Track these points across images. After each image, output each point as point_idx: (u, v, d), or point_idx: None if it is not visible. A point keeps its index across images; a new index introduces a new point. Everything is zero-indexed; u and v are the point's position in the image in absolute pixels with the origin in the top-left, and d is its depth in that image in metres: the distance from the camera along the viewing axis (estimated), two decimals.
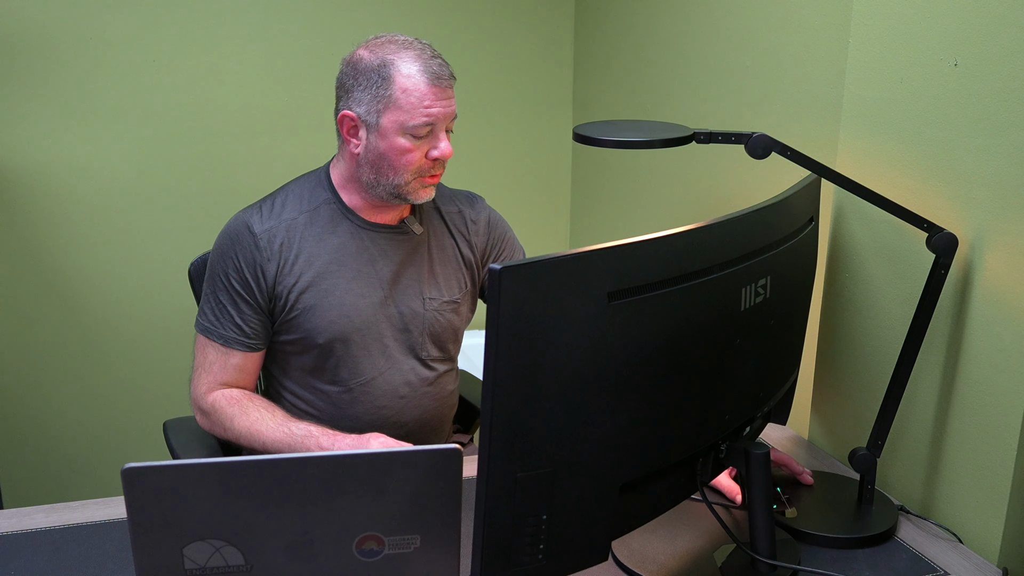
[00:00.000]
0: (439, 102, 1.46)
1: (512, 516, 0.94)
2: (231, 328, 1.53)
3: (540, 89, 2.77)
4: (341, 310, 1.54)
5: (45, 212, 2.40)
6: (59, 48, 2.31)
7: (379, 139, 1.47)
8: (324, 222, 1.56)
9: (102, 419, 2.57)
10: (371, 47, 1.49)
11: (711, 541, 1.30)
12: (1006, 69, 1.20)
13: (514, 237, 1.78)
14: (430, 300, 1.61)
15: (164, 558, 0.91)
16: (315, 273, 1.53)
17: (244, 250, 1.52)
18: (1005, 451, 1.25)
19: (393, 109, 1.45)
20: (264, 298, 1.53)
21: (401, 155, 1.47)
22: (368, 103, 1.47)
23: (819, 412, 1.64)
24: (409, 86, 1.44)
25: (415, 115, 1.45)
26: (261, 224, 1.53)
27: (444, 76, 1.47)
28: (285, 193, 1.59)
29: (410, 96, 1.44)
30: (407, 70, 1.45)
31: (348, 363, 1.56)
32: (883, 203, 1.31)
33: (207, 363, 1.55)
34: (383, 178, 1.50)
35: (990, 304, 1.26)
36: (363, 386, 1.57)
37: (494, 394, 0.89)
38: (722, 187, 2.03)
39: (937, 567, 1.26)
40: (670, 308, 1.00)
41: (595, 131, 1.30)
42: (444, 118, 1.48)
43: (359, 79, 1.47)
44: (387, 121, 1.46)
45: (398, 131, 1.46)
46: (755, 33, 1.87)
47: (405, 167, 1.48)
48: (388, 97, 1.45)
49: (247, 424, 1.49)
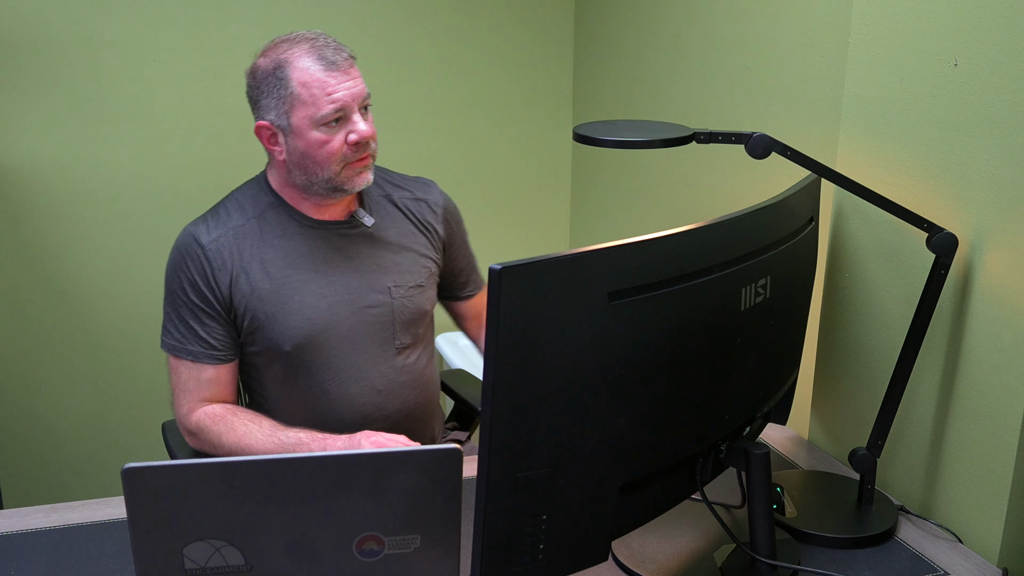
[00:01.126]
0: (341, 86, 1.45)
1: (512, 516, 0.94)
2: (197, 343, 1.52)
3: (540, 89, 2.77)
4: (303, 314, 1.52)
5: (45, 212, 2.40)
6: (59, 48, 2.31)
7: (296, 139, 1.47)
8: (272, 226, 1.55)
9: (102, 419, 2.57)
10: (265, 53, 1.49)
11: (711, 541, 1.30)
12: (1006, 69, 1.20)
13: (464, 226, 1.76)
14: (395, 288, 1.59)
15: (164, 558, 0.91)
16: (271, 281, 1.52)
17: (195, 262, 1.51)
18: (1005, 451, 1.25)
19: (298, 106, 1.45)
20: (224, 307, 1.51)
21: (320, 148, 1.46)
22: (275, 108, 1.47)
23: (819, 412, 1.64)
24: (306, 79, 1.44)
25: (320, 105, 1.44)
26: (208, 235, 1.52)
27: (339, 59, 1.46)
28: (229, 201, 1.58)
29: (310, 88, 1.44)
30: (300, 64, 1.45)
31: (321, 365, 1.55)
32: (883, 203, 1.31)
33: (182, 383, 1.54)
34: (313, 176, 1.49)
35: (990, 304, 1.26)
36: (340, 386, 1.56)
37: (494, 394, 0.89)
38: (722, 187, 2.03)
39: (937, 567, 1.26)
40: (670, 308, 1.00)
41: (595, 131, 1.30)
42: (352, 99, 1.46)
43: (261, 87, 1.48)
44: (297, 119, 1.46)
45: (310, 126, 1.45)
46: (755, 33, 1.87)
47: (329, 159, 1.47)
48: (290, 96, 1.45)
49: (235, 440, 1.47)
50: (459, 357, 2.57)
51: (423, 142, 2.67)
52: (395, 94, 2.59)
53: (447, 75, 2.64)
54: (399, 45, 2.58)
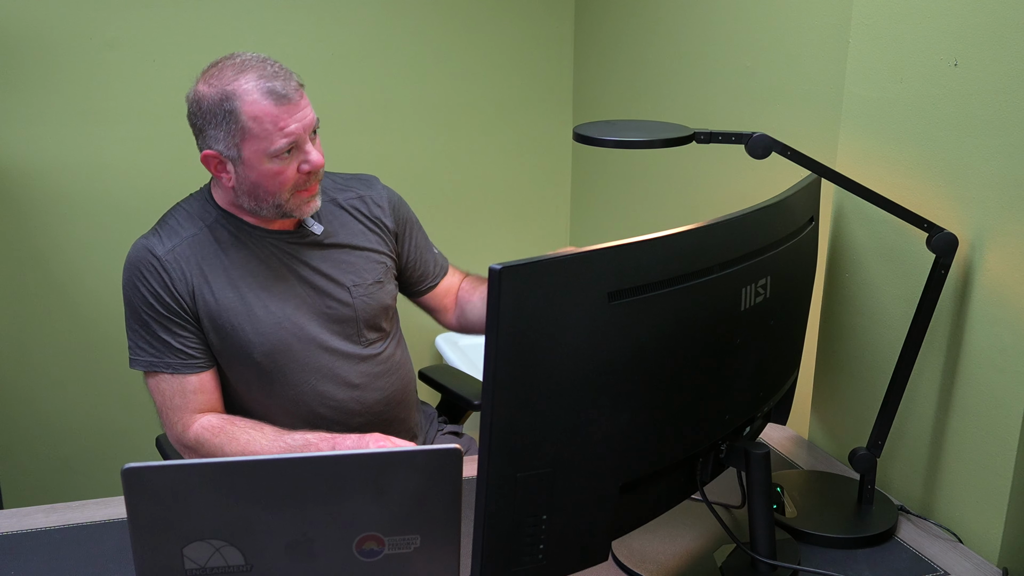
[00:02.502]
0: (293, 118, 1.42)
1: (512, 516, 0.94)
2: (172, 355, 1.50)
3: (540, 89, 2.77)
4: (270, 320, 1.52)
5: (45, 212, 2.40)
6: (60, 48, 2.31)
7: (247, 170, 1.45)
8: (225, 235, 1.53)
9: (102, 419, 2.57)
10: (208, 80, 1.45)
11: (711, 541, 1.30)
12: (1006, 69, 1.20)
13: (415, 217, 1.75)
14: (355, 288, 1.59)
15: (164, 558, 0.91)
16: (234, 289, 1.51)
17: (153, 274, 1.49)
18: (1005, 451, 1.25)
19: (250, 139, 1.42)
20: (190, 315, 1.50)
21: (273, 178, 1.45)
22: (224, 140, 1.43)
23: (819, 412, 1.64)
24: (257, 113, 1.40)
25: (274, 139, 1.41)
26: (163, 246, 1.50)
27: (288, 92, 1.42)
28: (178, 213, 1.55)
29: (262, 123, 1.41)
30: (249, 97, 1.40)
31: (294, 368, 1.54)
32: (883, 203, 1.31)
33: (168, 400, 1.52)
34: (263, 202, 1.48)
35: (990, 304, 1.26)
36: (315, 386, 1.56)
37: (494, 394, 0.89)
38: (722, 187, 2.03)
39: (937, 567, 1.26)
40: (670, 308, 1.00)
41: (595, 131, 1.30)
42: (304, 130, 1.44)
43: (207, 118, 1.44)
44: (248, 152, 1.43)
45: (263, 159, 1.43)
46: (755, 33, 1.87)
47: (281, 188, 1.46)
48: (241, 130, 1.41)
49: (239, 449, 1.46)
50: (459, 357, 2.57)
51: (423, 142, 2.67)
52: (395, 94, 2.59)
53: (447, 75, 2.64)
54: (399, 45, 2.58)
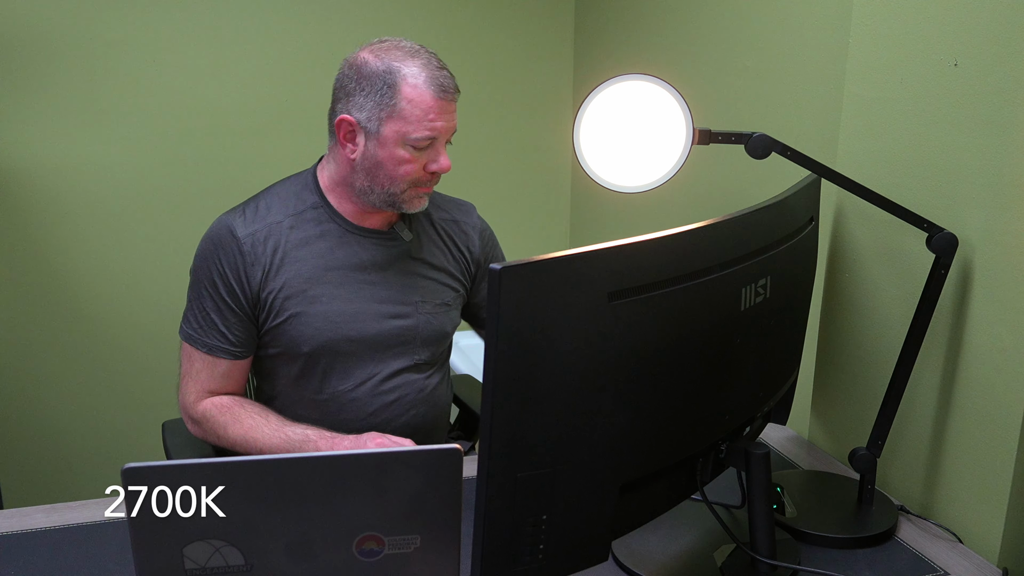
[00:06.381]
0: (443, 116, 1.43)
1: (512, 516, 0.94)
2: (215, 336, 1.50)
3: (540, 89, 2.77)
4: (328, 317, 1.51)
5: (45, 212, 2.40)
6: (59, 48, 2.31)
7: (378, 147, 1.44)
8: (310, 226, 1.52)
9: (102, 419, 2.57)
10: (376, 51, 1.44)
11: (711, 541, 1.30)
12: (1006, 69, 1.20)
13: (501, 254, 1.76)
14: (422, 304, 1.57)
15: (164, 558, 0.91)
16: (301, 279, 1.50)
17: (227, 255, 1.48)
18: (1005, 451, 1.25)
19: (396, 119, 1.42)
20: (249, 304, 1.49)
21: (399, 165, 1.44)
22: (370, 110, 1.42)
23: (819, 412, 1.64)
24: (415, 97, 1.41)
25: (419, 127, 1.42)
26: (245, 228, 1.49)
27: (450, 89, 1.44)
28: (270, 195, 1.54)
29: (415, 107, 1.41)
30: (414, 80, 1.41)
31: (337, 370, 1.54)
32: (883, 203, 1.31)
33: (194, 371, 1.53)
34: (377, 186, 1.47)
35: (990, 304, 1.26)
36: (351, 393, 1.54)
37: (494, 394, 0.89)
38: (722, 187, 2.03)
39: (937, 567, 1.26)
40: (670, 308, 1.00)
41: None
42: (446, 132, 1.46)
43: (362, 84, 1.42)
44: (389, 130, 1.42)
45: (399, 142, 1.43)
46: (755, 33, 1.87)
47: (402, 177, 1.45)
48: (392, 106, 1.41)
49: (241, 432, 1.47)
50: (460, 357, 2.57)
51: None
52: None
53: None
54: None
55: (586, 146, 1.35)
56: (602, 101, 1.34)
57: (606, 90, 1.34)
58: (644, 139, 1.34)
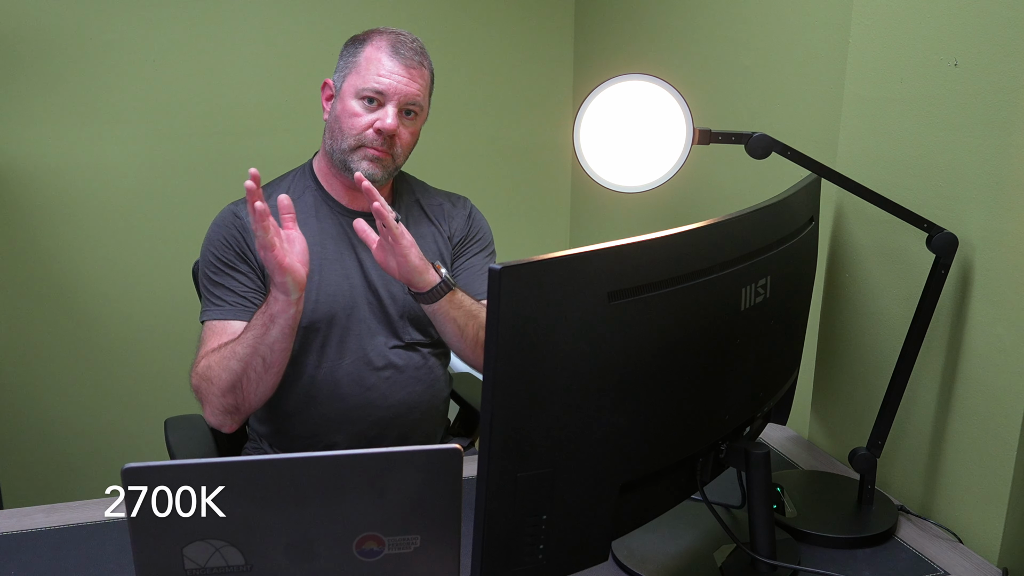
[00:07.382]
0: (394, 75, 1.52)
1: (512, 516, 0.94)
2: (225, 300, 1.55)
3: (540, 89, 2.77)
4: (325, 290, 1.57)
5: (45, 212, 2.40)
6: (60, 49, 2.31)
7: (338, 102, 1.56)
8: (306, 208, 1.61)
9: (102, 419, 2.57)
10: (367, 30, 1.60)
11: (711, 541, 1.30)
12: (1006, 69, 1.20)
13: (491, 243, 1.77)
14: None
15: (164, 558, 0.91)
16: None
17: (230, 231, 1.56)
18: (1005, 451, 1.25)
19: (353, 74, 1.55)
20: (257, 267, 1.56)
21: (349, 118, 1.53)
22: (340, 71, 1.58)
23: (819, 412, 1.64)
24: (372, 54, 1.54)
25: (368, 79, 1.52)
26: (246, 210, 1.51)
27: (408, 54, 1.54)
28: (270, 187, 1.65)
29: (370, 63, 1.53)
30: (378, 43, 1.55)
31: (332, 343, 1.59)
32: (883, 203, 1.31)
33: (205, 345, 1.54)
34: (335, 143, 1.56)
35: (990, 304, 1.26)
36: (348, 366, 1.59)
37: (494, 394, 0.89)
38: (722, 187, 2.03)
39: (937, 567, 1.26)
40: (670, 308, 1.00)
41: None
42: (395, 93, 1.53)
43: (344, 51, 1.59)
44: (346, 85, 1.55)
45: (352, 94, 1.54)
46: (755, 33, 1.87)
47: (350, 131, 1.54)
48: (352, 63, 1.56)
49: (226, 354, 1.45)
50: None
51: (423, 142, 2.66)
52: None
53: (447, 75, 2.63)
54: None
55: (586, 146, 1.36)
56: (602, 101, 1.34)
57: (606, 90, 1.34)
58: (644, 139, 1.34)
